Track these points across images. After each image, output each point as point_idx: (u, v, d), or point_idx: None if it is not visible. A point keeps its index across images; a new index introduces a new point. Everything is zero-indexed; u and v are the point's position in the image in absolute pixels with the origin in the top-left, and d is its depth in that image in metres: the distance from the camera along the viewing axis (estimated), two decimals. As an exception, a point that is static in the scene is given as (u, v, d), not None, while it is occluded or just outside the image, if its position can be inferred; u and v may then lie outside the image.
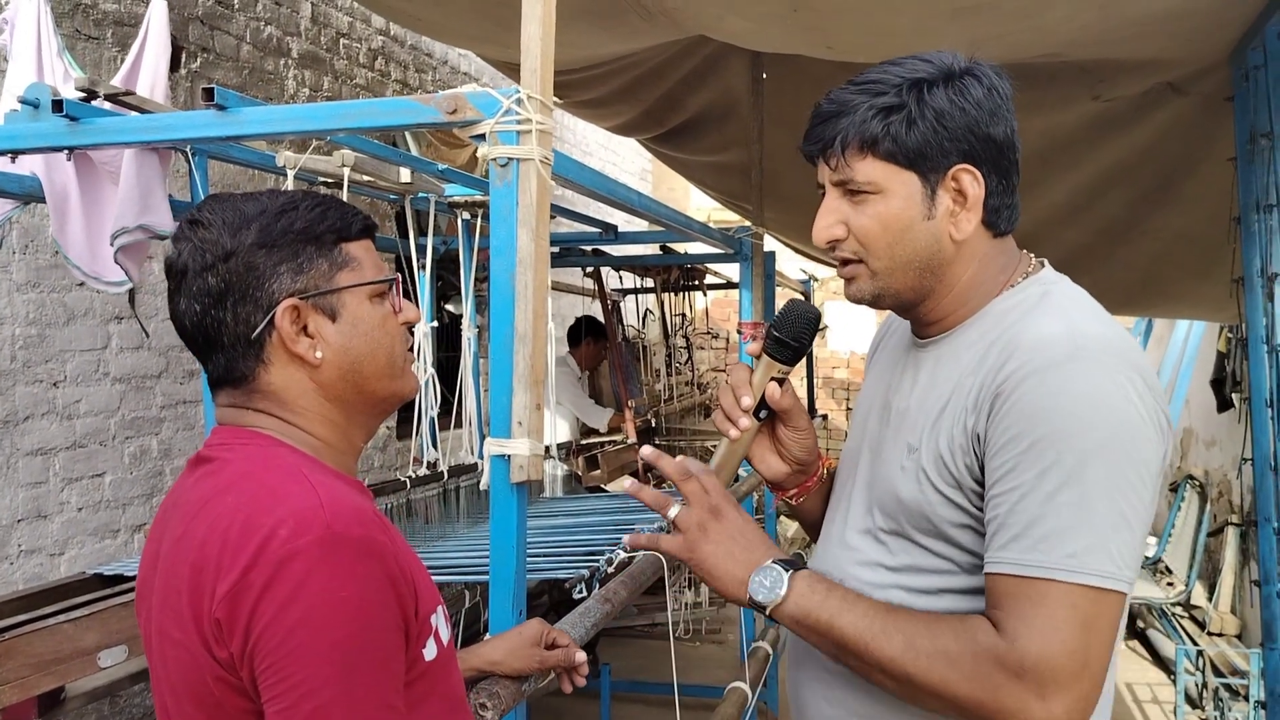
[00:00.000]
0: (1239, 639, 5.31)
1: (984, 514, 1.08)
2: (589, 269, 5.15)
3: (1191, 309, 5.04)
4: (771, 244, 4.50)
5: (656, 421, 5.29)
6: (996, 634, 1.01)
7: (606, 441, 4.92)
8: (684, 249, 5.53)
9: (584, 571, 2.15)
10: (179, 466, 3.96)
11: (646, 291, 5.97)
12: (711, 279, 5.92)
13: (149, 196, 2.37)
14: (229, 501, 0.96)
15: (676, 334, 6.01)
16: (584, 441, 5.11)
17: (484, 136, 1.62)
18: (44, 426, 3.43)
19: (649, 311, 6.09)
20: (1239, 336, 5.30)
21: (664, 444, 5.40)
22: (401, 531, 2.84)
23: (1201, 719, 4.65)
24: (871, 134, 1.12)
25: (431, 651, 1.00)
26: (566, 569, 2.25)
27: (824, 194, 1.19)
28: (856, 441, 1.30)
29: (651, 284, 5.72)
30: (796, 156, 1.22)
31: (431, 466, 3.36)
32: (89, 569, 2.60)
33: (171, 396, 3.99)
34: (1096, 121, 3.26)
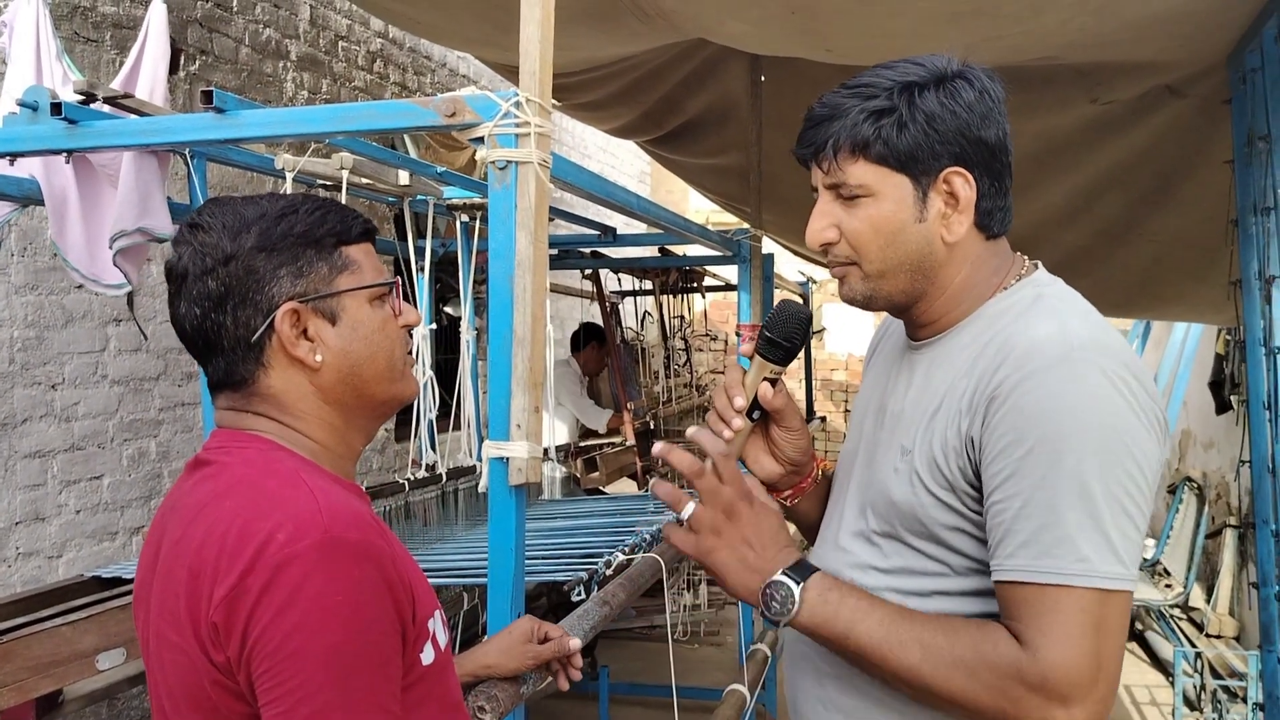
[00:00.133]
0: (1237, 641, 5.31)
1: (984, 518, 1.08)
2: (588, 271, 5.15)
3: (1189, 311, 5.05)
4: (770, 246, 4.50)
5: (655, 423, 5.29)
6: (1017, 646, 1.01)
7: (605, 444, 4.92)
8: (682, 251, 5.54)
9: (582, 574, 2.15)
10: (177, 469, 3.96)
11: (645, 294, 5.96)
12: (710, 281, 5.92)
13: (148, 199, 2.37)
14: (227, 505, 0.96)
15: (675, 336, 6.00)
16: (582, 444, 5.11)
17: (482, 139, 1.62)
18: (42, 429, 3.43)
19: (647, 314, 6.08)
20: (1237, 339, 5.31)
21: (662, 446, 5.39)
22: (400, 534, 2.84)
23: (1199, 721, 4.66)
24: (863, 137, 1.12)
25: (429, 656, 1.00)
26: (565, 571, 2.25)
27: (818, 197, 1.20)
28: (853, 444, 1.31)
29: (650, 286, 5.71)
30: (794, 159, 1.23)
31: (430, 469, 3.36)
32: (87, 571, 2.60)
33: (170, 399, 3.98)
34: (1094, 124, 3.26)
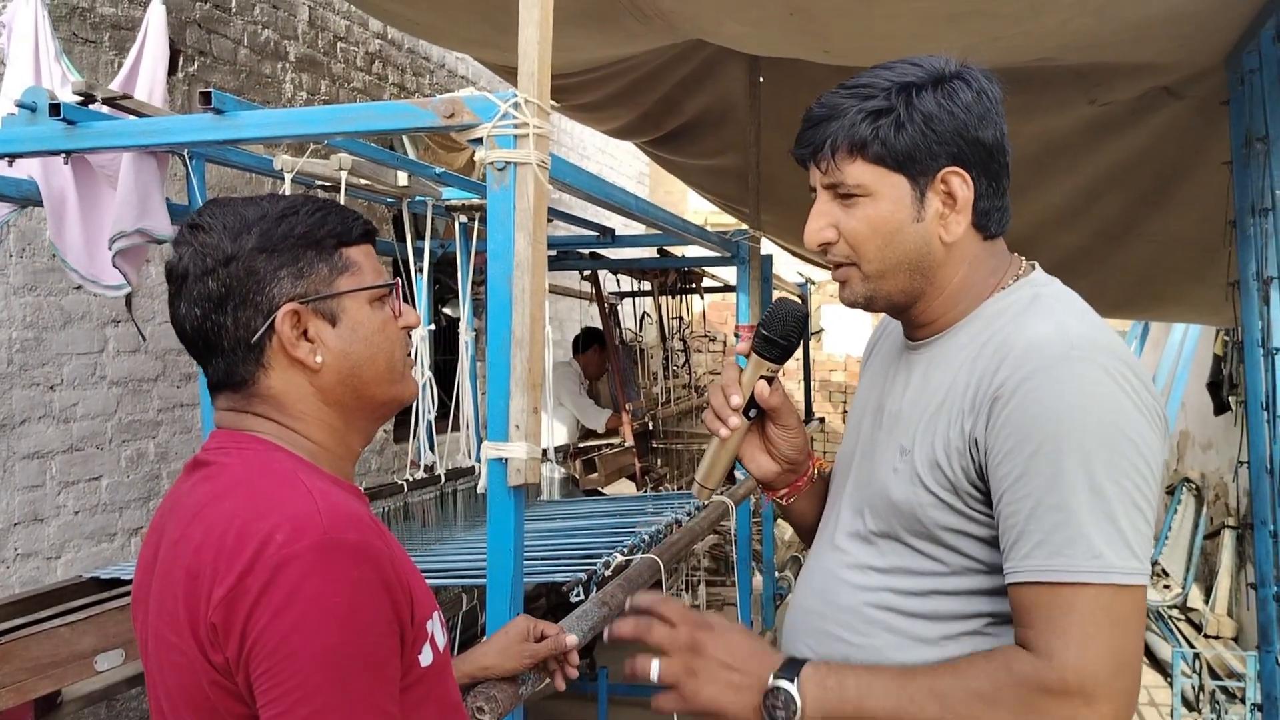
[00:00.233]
0: (1235, 642, 5.31)
1: (988, 519, 1.08)
2: (586, 272, 5.15)
3: (1187, 312, 5.05)
4: (768, 247, 4.50)
5: (654, 424, 5.29)
6: (1031, 657, 1.01)
7: (604, 445, 4.92)
8: (681, 252, 5.54)
9: (581, 575, 2.15)
10: (176, 470, 3.96)
11: (644, 295, 5.97)
12: (709, 282, 5.92)
13: (147, 200, 2.37)
14: (225, 506, 0.96)
15: (674, 337, 6.00)
16: (581, 444, 5.11)
17: (481, 140, 1.62)
18: (40, 430, 3.43)
19: (646, 314, 6.08)
20: (1235, 340, 5.31)
21: (661, 446, 5.40)
22: (399, 535, 2.84)
23: (1198, 722, 4.66)
24: (860, 137, 1.13)
25: (427, 657, 1.00)
26: (564, 572, 2.25)
27: (815, 197, 1.20)
28: (850, 444, 1.31)
29: (649, 287, 5.71)
30: (793, 160, 1.23)
31: (429, 470, 3.36)
32: (85, 573, 2.60)
33: (168, 400, 3.98)
34: (1092, 125, 3.26)
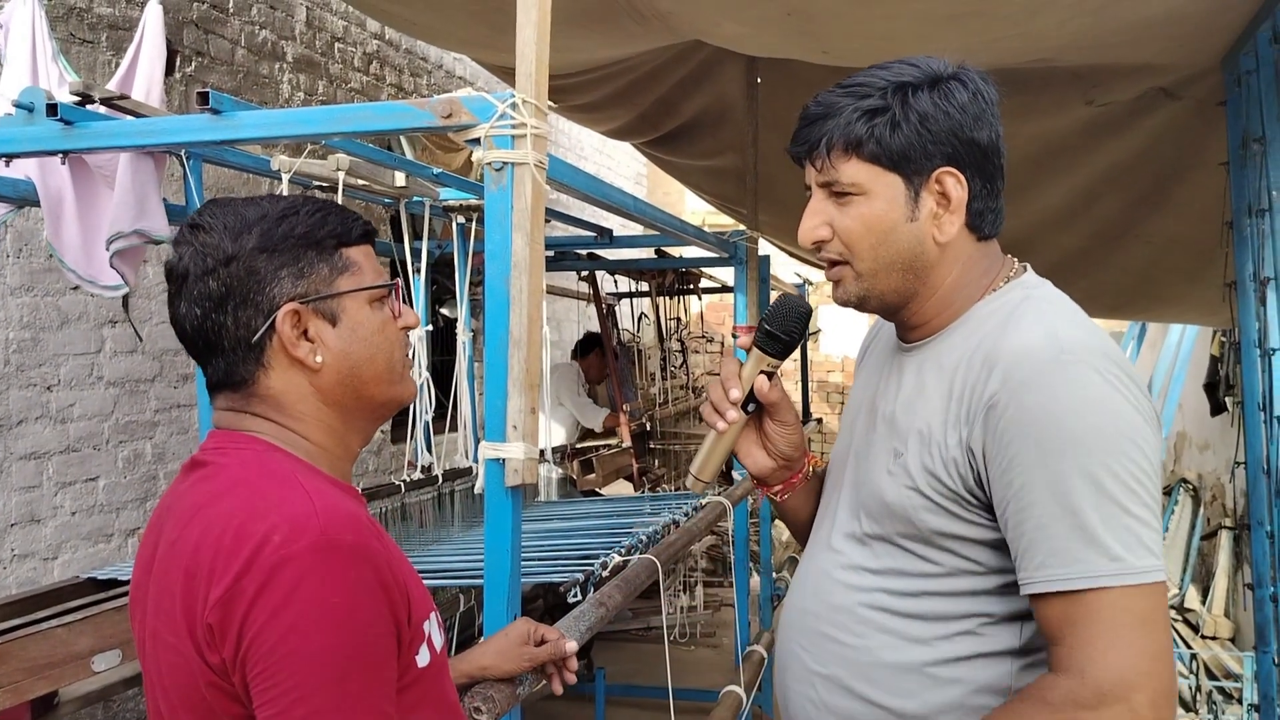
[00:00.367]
0: (1232, 642, 5.32)
1: (989, 524, 1.08)
2: (584, 273, 5.15)
3: (1184, 313, 5.06)
4: (766, 248, 4.50)
5: (651, 425, 5.29)
6: (1064, 679, 1.00)
7: (601, 445, 4.92)
8: (679, 253, 5.54)
9: (579, 575, 2.15)
10: (173, 471, 3.95)
11: (641, 295, 5.97)
12: (706, 283, 5.92)
13: (144, 201, 2.37)
14: (223, 507, 0.96)
15: (671, 338, 6.01)
16: (579, 445, 5.11)
17: (479, 141, 1.62)
18: (37, 430, 3.43)
19: (644, 315, 6.09)
20: (1232, 340, 5.31)
21: (659, 447, 5.40)
22: (396, 535, 2.83)
23: (1195, 722, 4.66)
24: (856, 136, 1.13)
25: (424, 658, 1.00)
26: (561, 573, 2.24)
27: (810, 195, 1.20)
28: (844, 445, 1.31)
29: (646, 288, 5.72)
30: (791, 160, 1.23)
31: (426, 470, 3.36)
32: (82, 573, 2.60)
33: (165, 400, 3.98)
34: (1090, 126, 3.27)
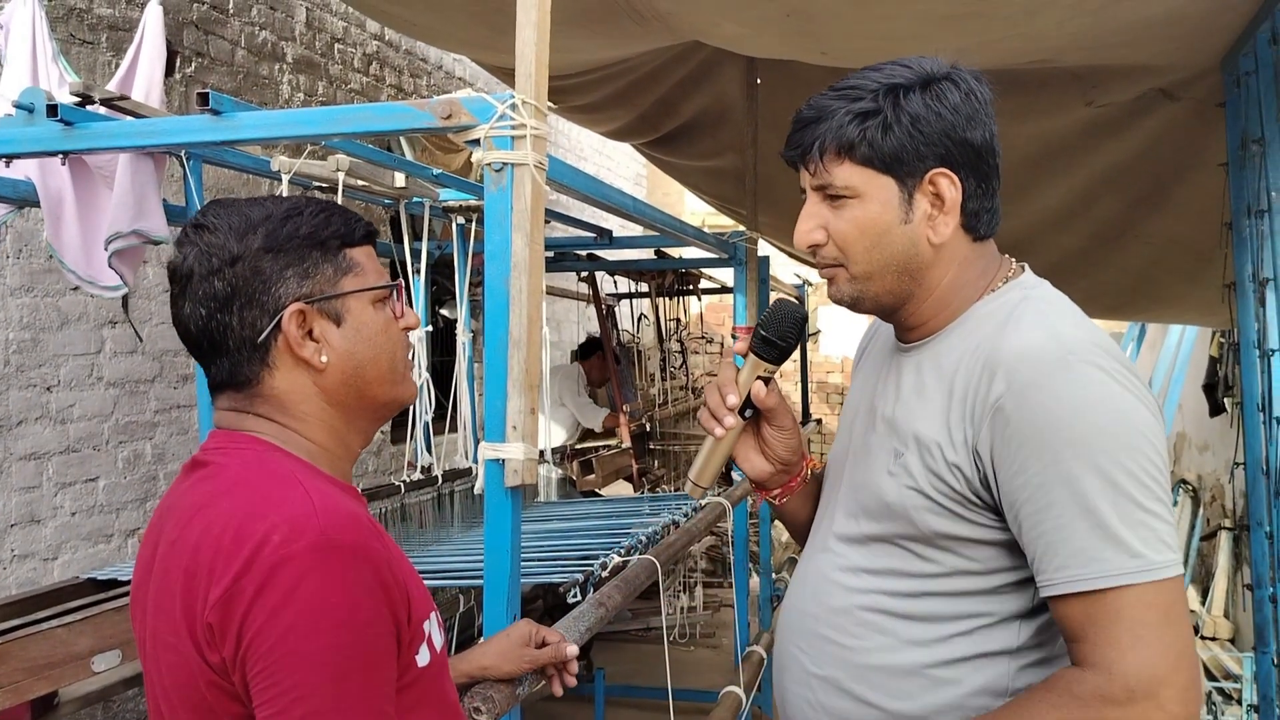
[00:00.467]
0: (1232, 643, 5.32)
1: (1010, 529, 1.08)
2: (584, 274, 5.16)
3: (1184, 314, 5.06)
4: (766, 249, 4.51)
5: (651, 426, 5.29)
6: (1090, 674, 1.00)
7: (601, 446, 4.92)
8: (678, 254, 5.55)
9: (578, 576, 2.15)
10: (173, 471, 3.95)
11: (641, 296, 5.97)
12: (706, 284, 5.93)
13: (144, 201, 2.37)
14: (223, 506, 0.96)
15: (671, 338, 6.01)
16: (579, 446, 5.11)
17: (479, 141, 1.62)
18: (37, 431, 3.43)
19: (643, 316, 6.09)
20: (1231, 341, 5.32)
21: (658, 448, 5.40)
22: (396, 536, 2.83)
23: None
24: (848, 139, 1.13)
25: (424, 658, 1.00)
26: (561, 573, 2.25)
27: (805, 199, 1.20)
28: (843, 446, 1.31)
29: (646, 288, 5.72)
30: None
31: (426, 471, 3.36)
32: (82, 574, 2.61)
33: (165, 401, 3.98)
34: (1089, 127, 3.27)
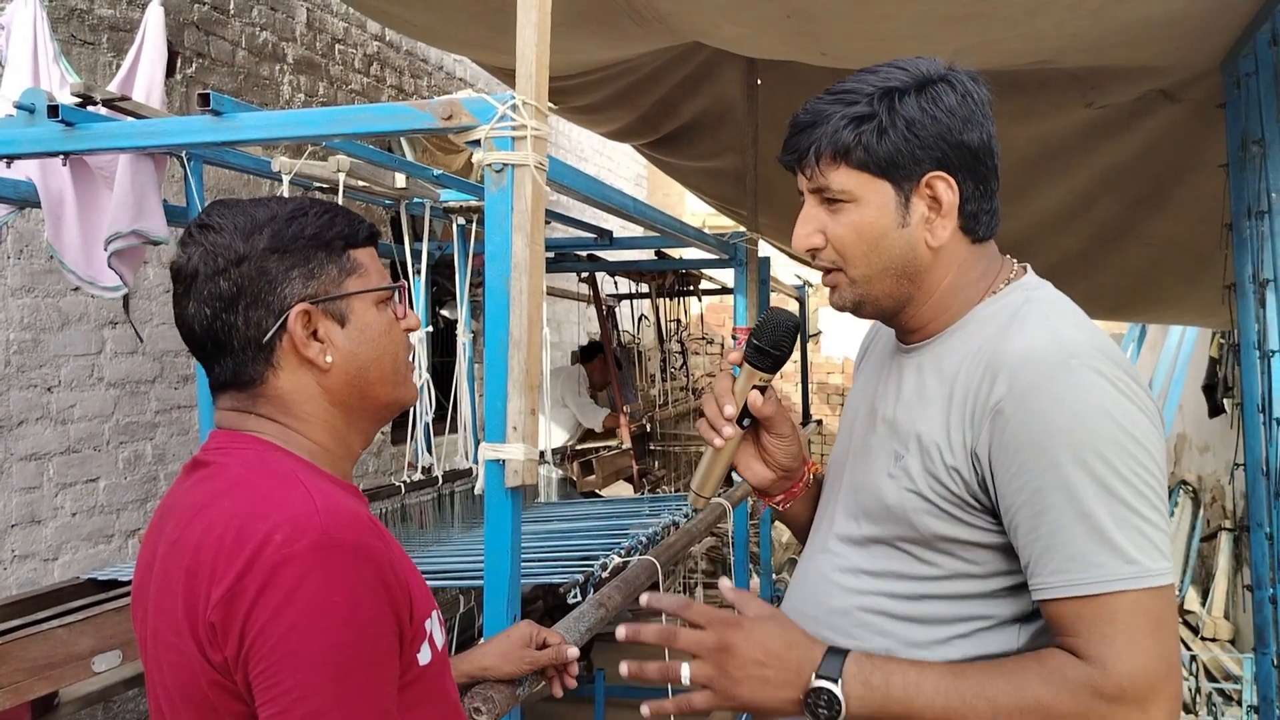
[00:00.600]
0: (1232, 644, 5.32)
1: (1006, 532, 1.08)
2: (584, 274, 5.16)
3: (1184, 314, 5.06)
4: (766, 249, 4.51)
5: (651, 426, 5.29)
6: (1085, 665, 1.00)
7: (601, 447, 4.92)
8: (679, 254, 5.55)
9: (578, 576, 2.16)
10: (173, 472, 3.96)
11: (641, 297, 5.97)
12: (706, 284, 5.93)
13: (144, 202, 2.37)
14: (224, 506, 0.96)
15: (671, 339, 6.01)
16: (579, 447, 5.12)
17: (479, 142, 1.63)
18: (38, 431, 3.43)
19: (644, 317, 6.09)
20: (1231, 342, 5.32)
21: (658, 448, 5.40)
22: (396, 536, 2.83)
23: (1195, 724, 4.66)
24: (844, 144, 1.13)
25: (426, 656, 1.01)
26: (561, 574, 2.25)
27: (804, 202, 1.20)
28: (843, 447, 1.30)
29: (646, 289, 5.72)
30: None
31: (426, 472, 3.36)
32: (83, 574, 2.61)
33: (166, 401, 3.98)
34: (1089, 128, 3.27)
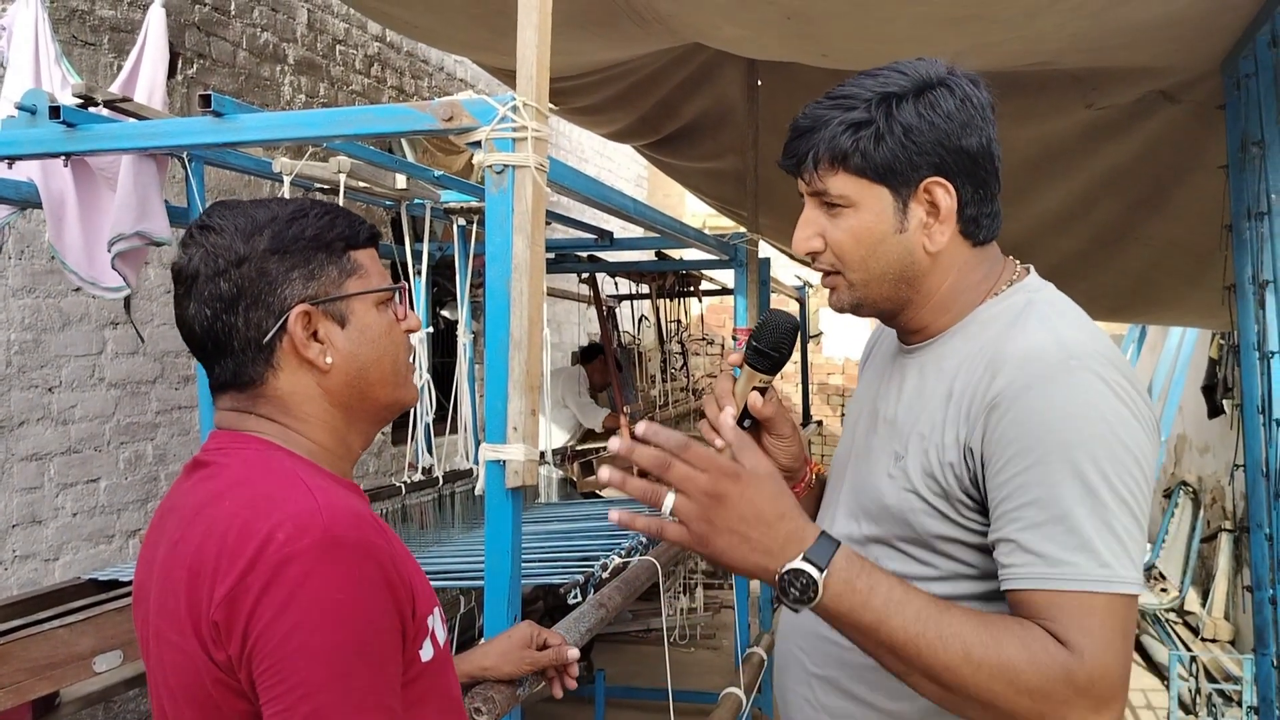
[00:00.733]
0: (1232, 645, 5.32)
1: (981, 526, 1.09)
2: (585, 275, 5.16)
3: (1184, 316, 5.06)
4: (766, 250, 4.51)
5: (651, 427, 5.29)
6: (1062, 647, 0.98)
7: (601, 447, 4.92)
8: (679, 255, 5.55)
9: (579, 577, 2.16)
10: (174, 472, 3.96)
11: (642, 297, 5.98)
12: (706, 285, 5.93)
13: (146, 203, 2.38)
14: (226, 506, 0.96)
15: (671, 340, 6.02)
16: (579, 447, 5.12)
17: (480, 143, 1.63)
18: (39, 432, 3.43)
19: (644, 317, 6.10)
20: (1231, 343, 5.32)
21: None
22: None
23: (1195, 725, 4.66)
24: (841, 149, 1.13)
25: (428, 653, 1.01)
26: (561, 574, 2.25)
27: (804, 204, 1.21)
28: (845, 447, 1.31)
29: (647, 290, 5.73)
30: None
31: (427, 472, 3.37)
32: (84, 574, 2.61)
33: (166, 402, 3.98)
34: (1089, 129, 3.27)
